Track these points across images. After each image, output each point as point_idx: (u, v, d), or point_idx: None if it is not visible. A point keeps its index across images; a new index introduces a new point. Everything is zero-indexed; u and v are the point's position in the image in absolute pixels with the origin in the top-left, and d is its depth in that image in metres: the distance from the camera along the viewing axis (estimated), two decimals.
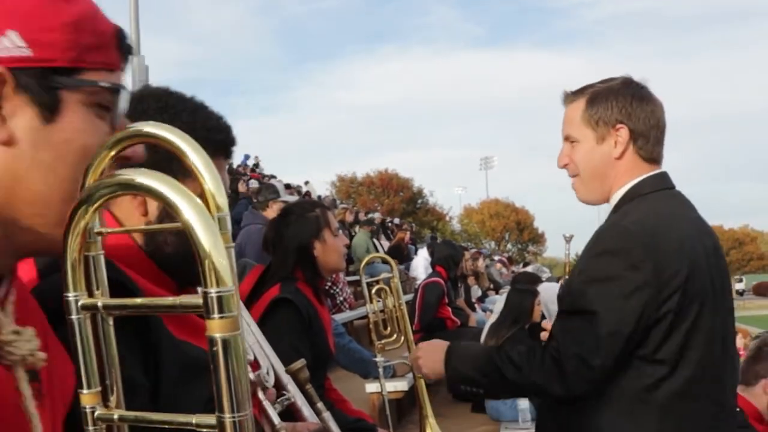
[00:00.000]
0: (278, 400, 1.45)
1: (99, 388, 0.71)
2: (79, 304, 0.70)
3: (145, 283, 1.21)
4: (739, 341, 7.65)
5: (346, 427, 2.83)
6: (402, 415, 5.88)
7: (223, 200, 0.70)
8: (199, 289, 0.63)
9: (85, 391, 0.70)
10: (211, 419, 0.64)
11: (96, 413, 0.70)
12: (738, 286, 59.22)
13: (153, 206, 1.29)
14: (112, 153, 0.73)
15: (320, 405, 1.30)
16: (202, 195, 0.68)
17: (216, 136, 1.34)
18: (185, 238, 0.62)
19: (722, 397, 1.90)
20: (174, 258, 1.29)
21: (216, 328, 0.60)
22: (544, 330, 2.20)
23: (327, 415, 1.29)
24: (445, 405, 6.71)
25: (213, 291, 0.60)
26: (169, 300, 0.69)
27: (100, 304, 0.70)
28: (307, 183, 23.64)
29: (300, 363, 1.29)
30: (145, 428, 0.71)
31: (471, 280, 10.40)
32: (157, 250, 1.29)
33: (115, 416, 0.71)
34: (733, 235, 79.13)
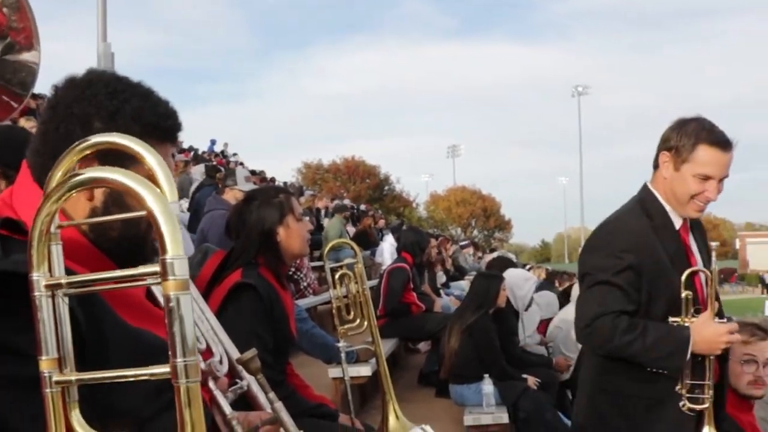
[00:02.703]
0: (231, 388, 1.43)
1: (56, 356, 0.83)
2: (42, 283, 0.83)
3: (86, 272, 1.19)
4: None
5: (308, 413, 2.83)
6: (365, 400, 5.89)
7: (173, 190, 0.85)
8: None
9: (43, 358, 0.82)
10: (165, 368, 0.75)
11: (54, 378, 0.82)
12: None
13: (99, 192, 1.29)
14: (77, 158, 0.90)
15: (272, 395, 1.27)
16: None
17: (165, 123, 1.37)
18: (130, 221, 0.73)
19: None
20: (121, 241, 1.30)
21: (171, 287, 0.74)
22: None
23: (279, 405, 1.26)
24: (409, 390, 6.73)
25: (169, 257, 0.74)
26: (129, 270, 0.82)
27: (63, 281, 0.84)
28: (235, 155, 24.02)
29: (251, 353, 1.26)
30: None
31: (437, 267, 10.44)
32: (102, 235, 1.29)
33: (73, 378, 0.82)
34: None
